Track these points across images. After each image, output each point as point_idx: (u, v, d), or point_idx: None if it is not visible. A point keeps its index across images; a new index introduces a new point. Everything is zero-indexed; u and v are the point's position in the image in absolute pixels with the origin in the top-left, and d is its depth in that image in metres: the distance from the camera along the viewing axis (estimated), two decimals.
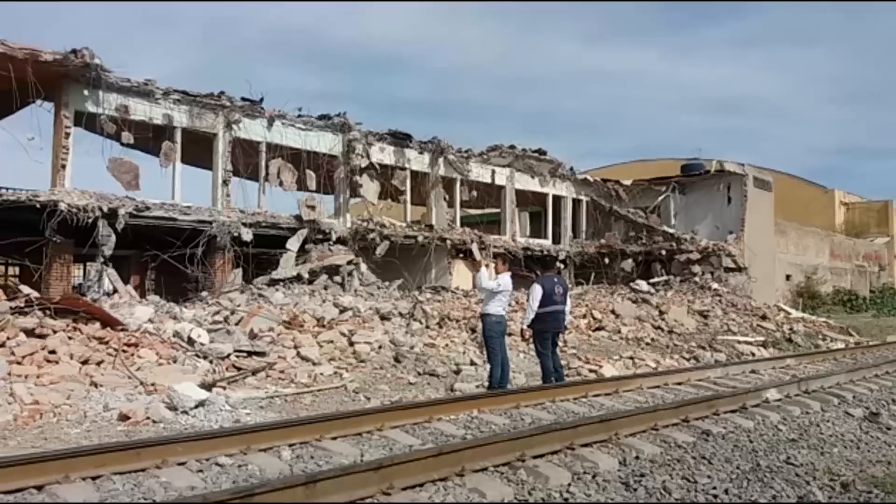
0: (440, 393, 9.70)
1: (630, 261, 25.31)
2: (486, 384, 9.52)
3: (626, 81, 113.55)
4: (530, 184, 25.81)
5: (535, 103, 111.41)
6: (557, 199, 26.93)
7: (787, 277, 29.24)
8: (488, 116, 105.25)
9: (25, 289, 11.52)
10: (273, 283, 16.75)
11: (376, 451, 5.97)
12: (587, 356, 13.02)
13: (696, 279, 23.57)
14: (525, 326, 9.79)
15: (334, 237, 19.27)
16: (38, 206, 14.45)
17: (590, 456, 5.79)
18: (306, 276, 17.54)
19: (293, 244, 18.35)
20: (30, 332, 8.94)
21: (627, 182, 28.35)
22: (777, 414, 7.86)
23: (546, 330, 9.53)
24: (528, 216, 27.05)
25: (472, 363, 11.29)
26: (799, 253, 30.63)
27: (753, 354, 15.30)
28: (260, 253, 17.87)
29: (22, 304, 9.56)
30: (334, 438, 6.16)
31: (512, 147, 24.98)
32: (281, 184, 19.43)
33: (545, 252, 24.95)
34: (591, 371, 11.91)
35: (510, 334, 11.03)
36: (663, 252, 25.21)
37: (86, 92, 15.67)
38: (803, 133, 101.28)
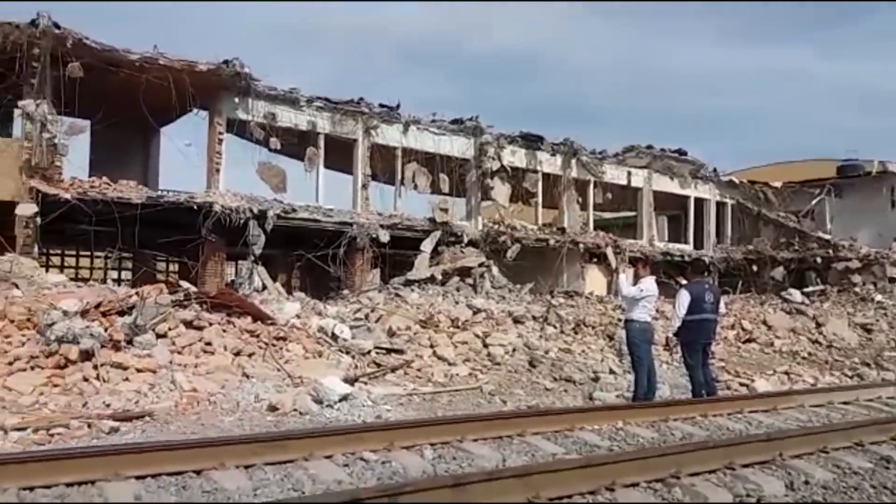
0: (578, 401, 9.39)
1: (781, 268, 23.62)
2: (630, 394, 9.10)
3: (766, 80, 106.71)
4: (669, 186, 24.72)
5: (671, 104, 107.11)
6: (699, 202, 25.61)
7: None
8: (621, 118, 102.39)
9: (185, 284, 12.37)
10: (408, 283, 17.05)
11: (518, 456, 5.79)
12: (737, 369, 12.20)
13: (857, 290, 21.56)
14: (670, 335, 9.27)
15: (466, 239, 19.37)
16: (195, 207, 15.54)
17: (752, 477, 5.30)
18: (439, 277, 17.73)
19: (427, 246, 18.62)
20: (189, 324, 9.48)
21: (777, 184, 26.51)
22: None
23: (695, 340, 8.94)
24: (667, 220, 25.90)
25: (612, 371, 10.86)
26: None
27: None
28: (395, 254, 18.29)
29: (182, 298, 10.20)
30: (475, 440, 6.04)
31: (649, 147, 24.06)
32: (416, 187, 19.78)
33: (686, 257, 23.82)
34: (741, 385, 11.15)
35: (655, 343, 10.49)
36: (818, 260, 23.31)
37: (237, 100, 16.66)
38: None
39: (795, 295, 19.83)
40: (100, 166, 17.08)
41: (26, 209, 13.38)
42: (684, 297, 8.94)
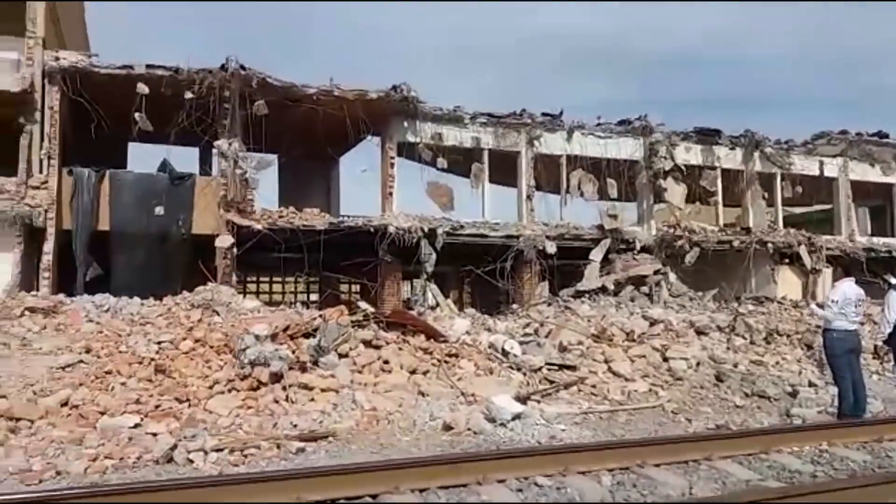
0: (773, 418, 8.57)
1: None
2: (835, 410, 8.15)
3: None
4: (869, 173, 22.13)
5: (862, 85, 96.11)
6: None
7: None
8: (805, 105, 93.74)
9: (363, 304, 12.97)
10: (578, 294, 16.65)
11: (706, 484, 5.35)
12: None
13: None
14: (880, 343, 8.21)
15: (638, 246, 18.59)
16: (371, 230, 16.28)
17: None
18: (611, 287, 17.14)
19: (596, 255, 18.10)
20: (367, 344, 9.81)
21: None
22: None
23: None
24: (869, 211, 23.18)
25: (811, 384, 9.81)
26: None
27: None
28: (563, 265, 17.94)
29: (360, 318, 10.64)
30: (657, 465, 5.67)
31: (843, 133, 21.69)
32: (582, 195, 19.32)
33: (894, 253, 21.16)
34: None
35: (863, 351, 9.34)
36: None
37: (405, 124, 17.30)
38: None
39: None
40: (287, 196, 18.46)
41: (224, 241, 14.75)
42: (895, 301, 7.91)
